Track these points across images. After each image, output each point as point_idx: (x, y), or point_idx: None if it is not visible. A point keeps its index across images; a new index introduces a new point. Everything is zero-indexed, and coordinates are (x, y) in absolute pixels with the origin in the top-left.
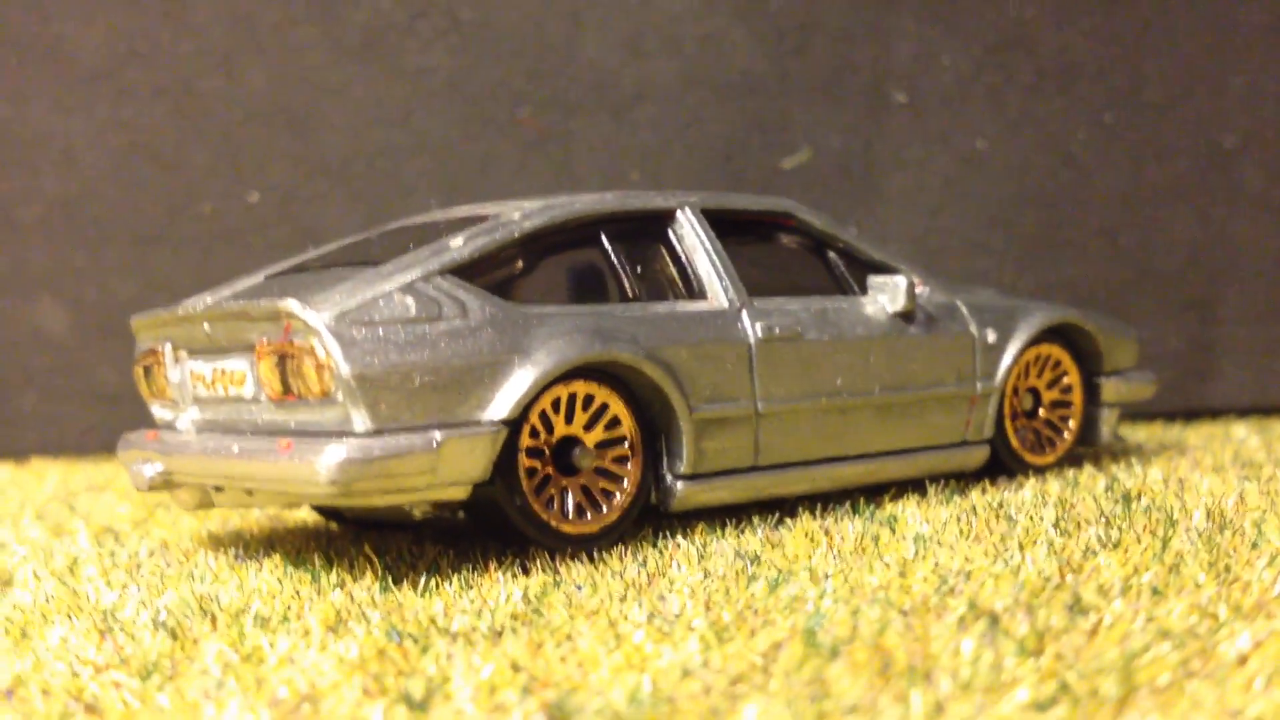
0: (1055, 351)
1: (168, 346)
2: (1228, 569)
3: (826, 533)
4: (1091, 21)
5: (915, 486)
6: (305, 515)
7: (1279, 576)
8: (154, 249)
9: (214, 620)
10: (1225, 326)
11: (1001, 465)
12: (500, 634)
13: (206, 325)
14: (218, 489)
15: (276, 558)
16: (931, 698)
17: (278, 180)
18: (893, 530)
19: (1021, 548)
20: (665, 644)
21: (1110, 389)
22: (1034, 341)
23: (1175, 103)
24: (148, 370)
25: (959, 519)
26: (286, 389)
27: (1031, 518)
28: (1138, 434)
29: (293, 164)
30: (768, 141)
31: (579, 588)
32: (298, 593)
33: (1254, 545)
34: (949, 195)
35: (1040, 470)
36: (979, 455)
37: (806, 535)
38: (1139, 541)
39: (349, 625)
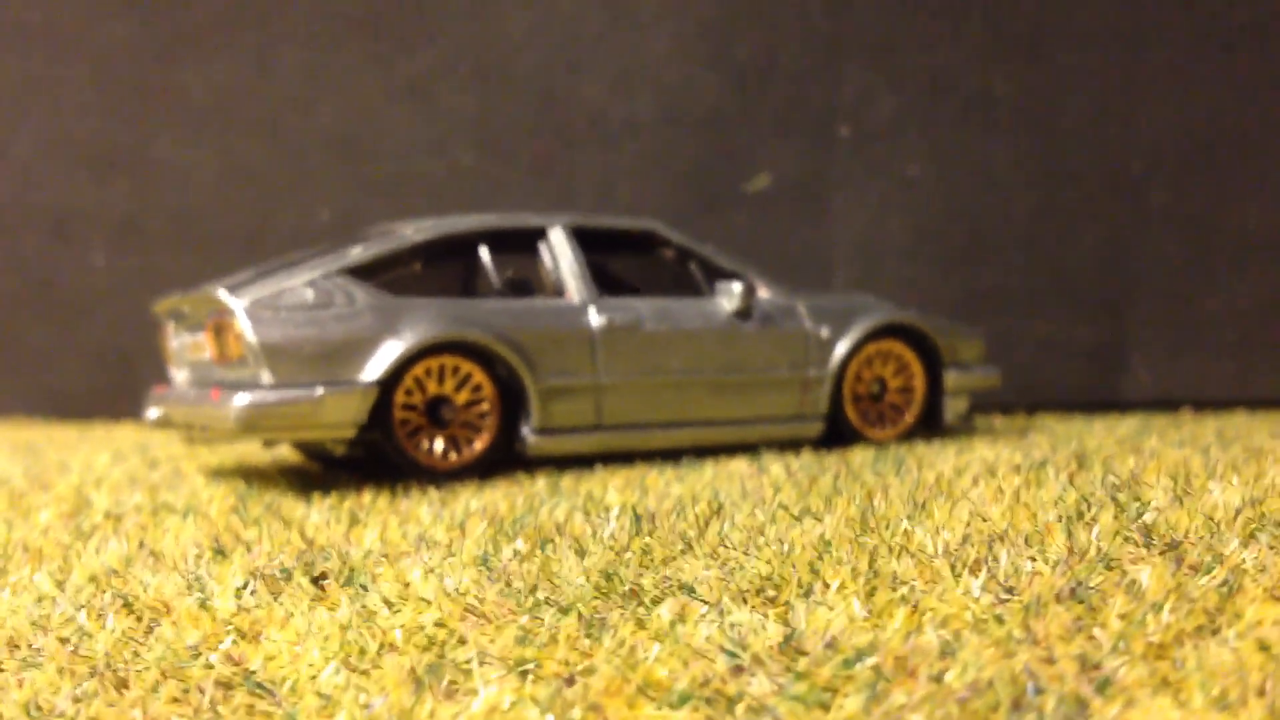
0: (897, 347)
1: (171, 323)
2: (862, 511)
3: (642, 481)
4: (1010, 66)
5: (752, 449)
6: (295, 458)
7: (864, 510)
8: (248, 253)
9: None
10: (1133, 328)
11: (843, 437)
12: (333, 524)
13: (185, 307)
14: (189, 427)
15: (272, 495)
16: (564, 544)
17: (342, 199)
18: (676, 473)
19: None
20: (417, 526)
21: (950, 380)
22: (871, 337)
23: (1086, 134)
24: (163, 340)
25: (741, 475)
26: (223, 354)
27: (790, 475)
28: (1015, 423)
29: (354, 186)
30: (733, 168)
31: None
32: (257, 525)
33: (893, 530)
34: (886, 213)
35: (880, 443)
36: (815, 428)
37: (610, 475)
38: (839, 494)
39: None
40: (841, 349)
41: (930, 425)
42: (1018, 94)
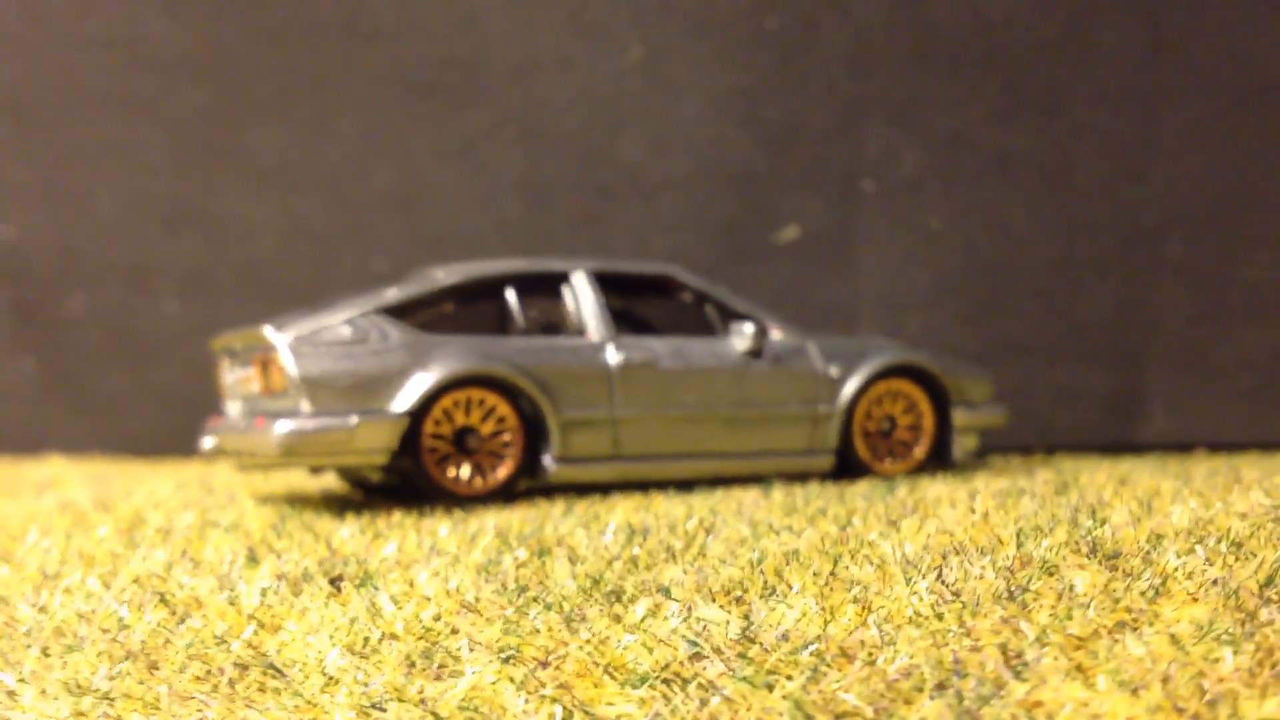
0: (906, 386)
1: (225, 359)
2: (841, 528)
3: (650, 505)
4: (1028, 124)
5: (764, 480)
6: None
7: (843, 527)
8: (307, 301)
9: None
10: (1150, 376)
11: (855, 470)
12: (358, 537)
13: (237, 344)
14: (239, 454)
15: (309, 515)
16: (561, 554)
17: (396, 251)
18: (685, 499)
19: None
20: (433, 539)
21: (957, 417)
22: (881, 376)
23: (1103, 189)
24: (219, 375)
25: (743, 500)
26: (268, 386)
27: (789, 500)
28: (1030, 462)
29: (407, 239)
30: (763, 222)
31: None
32: (290, 537)
33: (861, 543)
34: (909, 265)
35: (889, 476)
36: (825, 461)
37: (624, 499)
38: (823, 514)
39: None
40: (850, 387)
41: (940, 461)
42: (1036, 151)
